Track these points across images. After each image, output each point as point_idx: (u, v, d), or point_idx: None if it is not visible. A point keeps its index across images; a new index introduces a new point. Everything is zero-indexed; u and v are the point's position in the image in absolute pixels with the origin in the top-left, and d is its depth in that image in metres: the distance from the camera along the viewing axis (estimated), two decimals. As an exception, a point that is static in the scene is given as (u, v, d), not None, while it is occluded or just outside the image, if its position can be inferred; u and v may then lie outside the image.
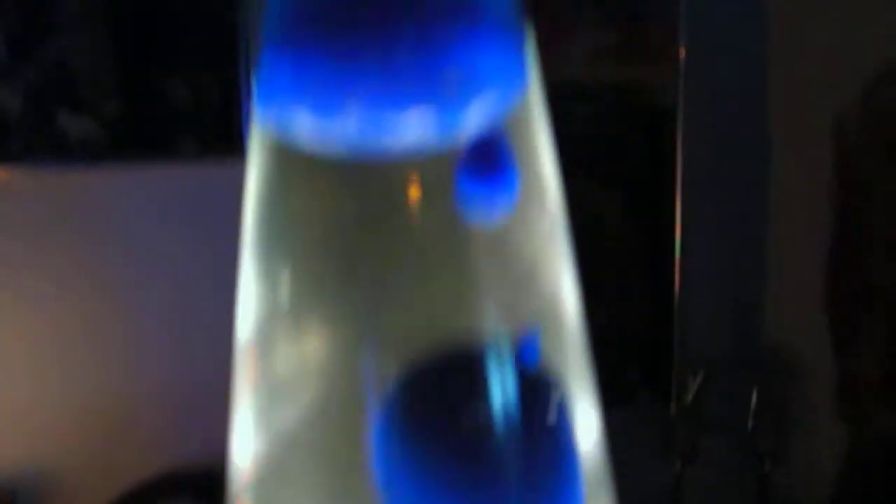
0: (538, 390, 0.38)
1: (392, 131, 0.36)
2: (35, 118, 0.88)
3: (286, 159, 0.39)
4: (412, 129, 0.36)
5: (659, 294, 1.03)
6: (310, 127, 0.37)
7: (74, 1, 0.88)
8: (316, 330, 0.40)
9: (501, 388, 0.37)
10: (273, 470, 0.39)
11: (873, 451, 0.96)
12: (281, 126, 0.38)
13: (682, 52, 0.98)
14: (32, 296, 0.92)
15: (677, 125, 1.01)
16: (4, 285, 0.91)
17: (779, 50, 0.96)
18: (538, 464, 0.38)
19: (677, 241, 1.03)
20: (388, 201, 0.38)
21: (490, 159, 0.36)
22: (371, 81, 0.35)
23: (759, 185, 1.01)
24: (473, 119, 0.37)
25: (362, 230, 0.38)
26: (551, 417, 0.38)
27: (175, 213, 0.94)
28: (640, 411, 1.05)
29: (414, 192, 0.38)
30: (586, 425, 0.42)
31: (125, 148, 0.90)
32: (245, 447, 0.40)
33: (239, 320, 0.42)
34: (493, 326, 0.38)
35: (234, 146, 0.92)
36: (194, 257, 0.95)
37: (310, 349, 0.40)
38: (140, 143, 0.91)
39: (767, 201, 1.02)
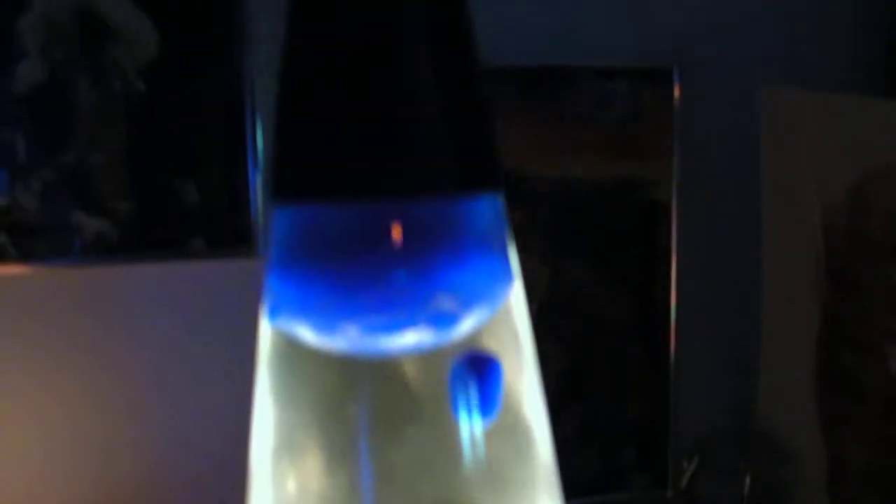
0: None
1: (387, 342, 0.39)
2: (53, 218, 0.91)
3: (292, 349, 0.42)
4: (406, 339, 0.39)
5: (655, 383, 1.06)
6: (312, 337, 0.40)
7: (91, 107, 0.91)
8: (318, 485, 0.43)
9: None
10: None
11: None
12: (287, 329, 0.41)
13: (677, 151, 1.02)
14: (47, 382, 0.94)
15: (672, 218, 1.04)
16: (22, 372, 0.94)
17: (769, 152, 0.99)
18: None
19: (672, 331, 1.06)
20: (384, 389, 0.41)
21: (480, 382, 0.39)
22: (366, 309, 0.38)
23: (750, 277, 1.04)
24: (465, 324, 0.40)
25: (360, 411, 0.41)
26: None
27: (184, 306, 0.97)
28: (638, 494, 1.08)
29: (407, 383, 0.41)
30: None
31: (138, 245, 0.93)
32: None
33: (254, 440, 0.45)
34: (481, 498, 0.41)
35: (241, 244, 0.95)
36: (203, 348, 0.98)
37: (313, 495, 0.43)
38: (152, 241, 0.94)
39: (759, 293, 1.04)
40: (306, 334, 0.40)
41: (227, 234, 0.95)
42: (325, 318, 0.39)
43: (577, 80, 0.99)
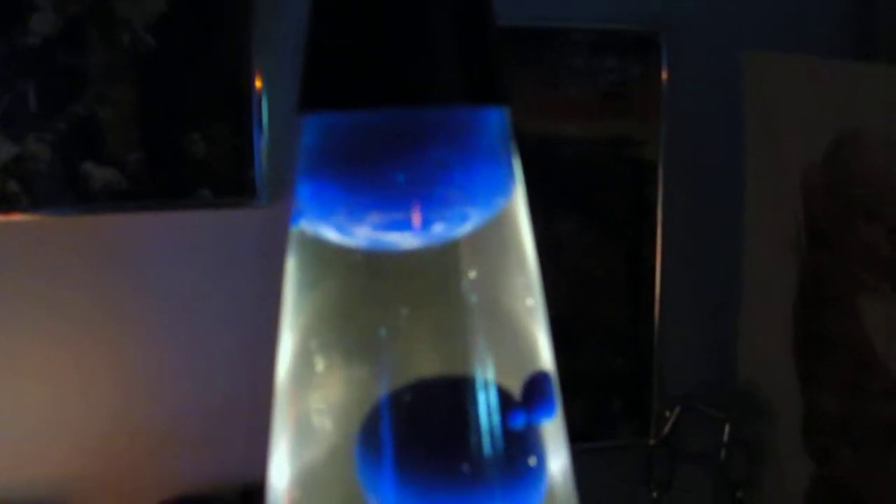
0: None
1: (400, 240, 0.43)
2: (63, 167, 0.94)
3: (316, 248, 0.46)
4: (418, 236, 0.44)
5: (640, 336, 1.10)
6: (333, 236, 0.44)
7: (101, 61, 0.94)
8: (338, 378, 0.47)
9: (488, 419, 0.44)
10: (302, 496, 0.46)
11: (835, 481, 1.03)
12: (311, 230, 0.45)
13: (664, 111, 1.06)
14: (58, 330, 0.97)
15: (658, 177, 1.08)
16: (32, 320, 0.97)
17: (752, 113, 1.03)
18: (513, 481, 0.46)
19: (657, 286, 1.10)
20: (398, 278, 0.45)
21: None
22: (380, 212, 0.42)
23: (733, 235, 1.08)
24: (471, 221, 0.45)
25: (377, 300, 0.45)
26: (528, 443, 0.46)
27: (191, 252, 1.00)
28: (621, 442, 1.12)
29: (419, 271, 0.45)
30: (557, 455, 0.49)
31: (146, 195, 0.96)
32: (279, 475, 0.47)
33: (278, 365, 0.48)
34: (483, 370, 0.45)
35: (245, 194, 0.99)
36: (209, 294, 1.01)
37: (333, 393, 0.47)
38: (160, 190, 0.97)
39: (740, 251, 1.09)
40: (329, 234, 0.44)
41: (233, 185, 0.98)
42: (344, 218, 0.43)
43: (565, 43, 1.03)
